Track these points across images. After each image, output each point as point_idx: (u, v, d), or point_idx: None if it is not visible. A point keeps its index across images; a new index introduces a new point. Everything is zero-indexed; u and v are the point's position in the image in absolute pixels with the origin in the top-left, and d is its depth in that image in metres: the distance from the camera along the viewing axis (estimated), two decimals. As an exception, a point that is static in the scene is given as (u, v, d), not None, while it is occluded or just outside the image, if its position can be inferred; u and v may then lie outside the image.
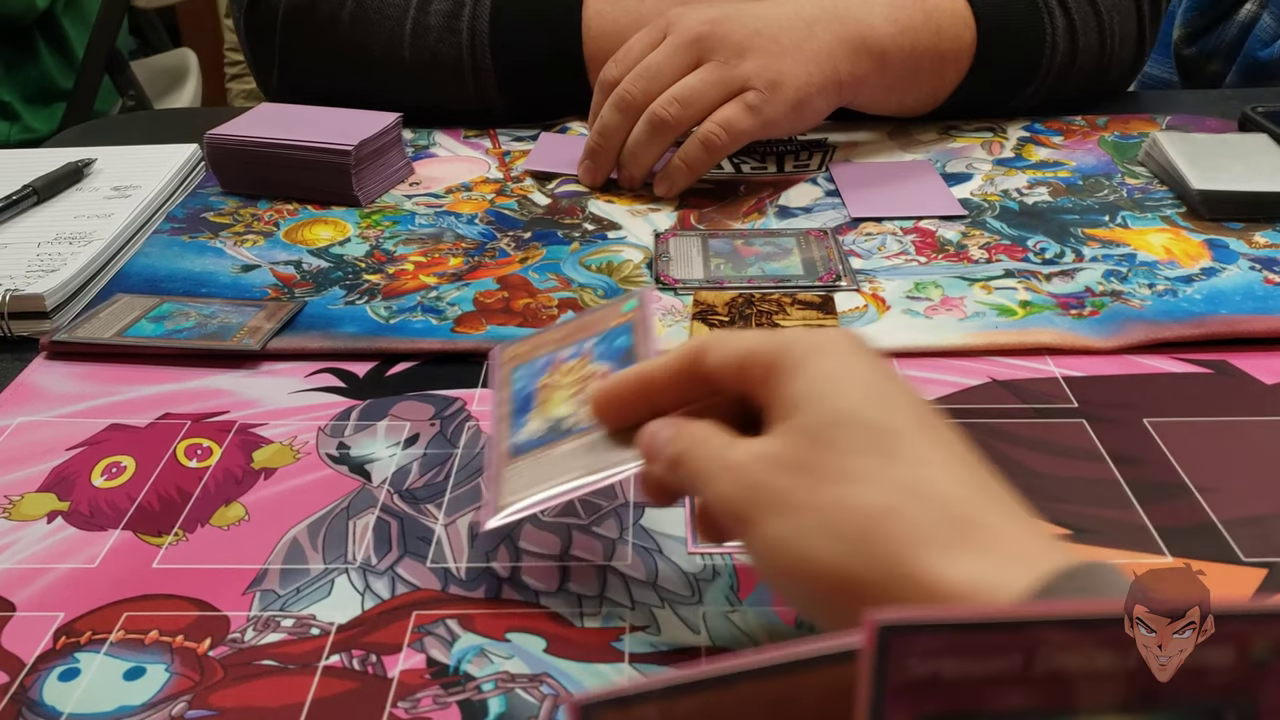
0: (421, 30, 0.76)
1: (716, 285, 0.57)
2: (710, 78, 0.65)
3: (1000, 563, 0.28)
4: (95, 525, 0.43)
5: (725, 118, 0.65)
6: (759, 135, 0.67)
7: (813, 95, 0.67)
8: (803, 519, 0.30)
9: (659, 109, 0.65)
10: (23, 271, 0.58)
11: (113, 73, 1.69)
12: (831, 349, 0.33)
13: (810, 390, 0.32)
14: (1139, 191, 0.68)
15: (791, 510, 0.31)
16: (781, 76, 0.65)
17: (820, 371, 0.32)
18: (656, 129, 0.66)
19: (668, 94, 0.65)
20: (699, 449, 0.34)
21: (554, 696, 0.35)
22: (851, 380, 0.32)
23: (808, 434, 0.31)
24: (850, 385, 0.32)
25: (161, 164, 0.71)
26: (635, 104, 0.66)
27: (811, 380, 0.32)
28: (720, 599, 0.38)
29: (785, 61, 0.66)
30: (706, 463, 0.33)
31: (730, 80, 0.65)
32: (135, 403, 0.50)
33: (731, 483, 0.32)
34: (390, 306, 0.57)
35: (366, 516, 0.43)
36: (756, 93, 0.65)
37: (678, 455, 0.34)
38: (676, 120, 0.65)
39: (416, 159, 0.76)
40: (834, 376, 0.32)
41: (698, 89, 0.65)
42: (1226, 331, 0.53)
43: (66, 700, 0.35)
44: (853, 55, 0.68)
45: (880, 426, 0.31)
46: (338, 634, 0.37)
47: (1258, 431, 0.46)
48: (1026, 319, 0.54)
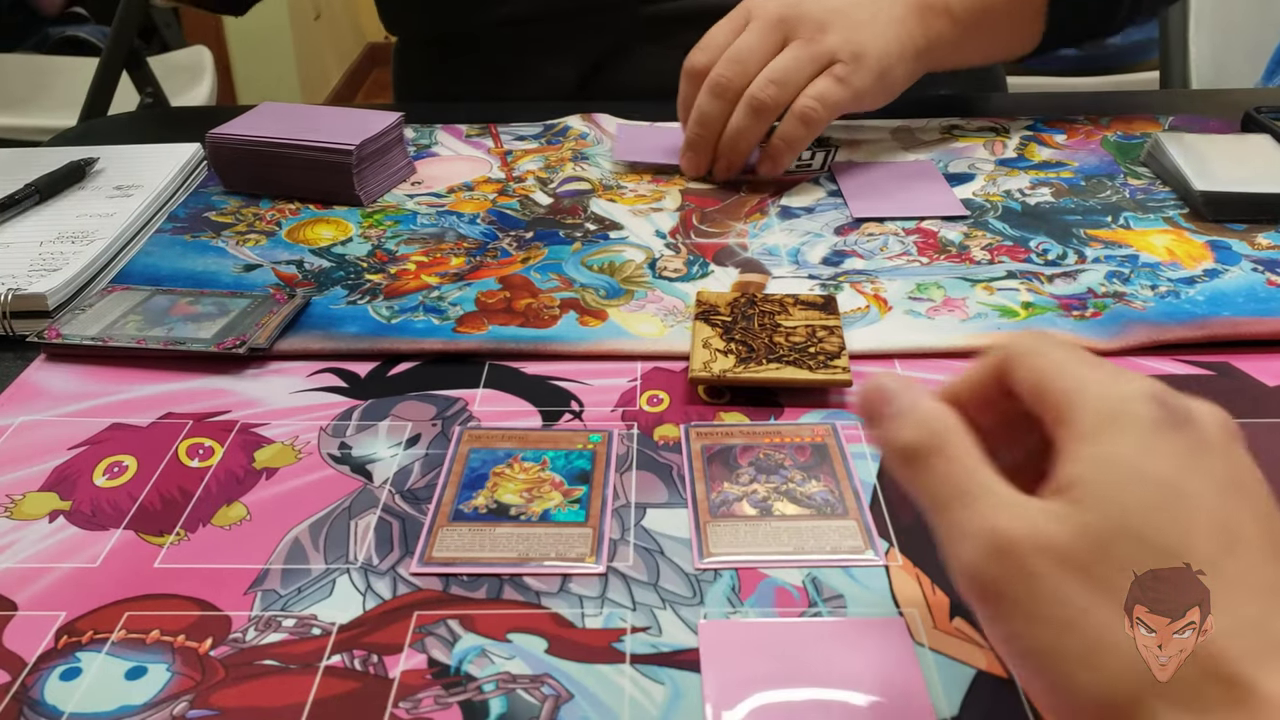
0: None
1: (102, 342, 0.53)
2: (801, 54, 0.67)
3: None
4: (97, 525, 0.43)
5: (819, 91, 0.67)
6: (851, 107, 0.68)
7: (893, 64, 0.69)
8: (1065, 645, 0.27)
9: (757, 91, 0.66)
10: (24, 271, 0.59)
11: (130, 70, 1.69)
12: (1133, 426, 0.29)
13: (1099, 478, 0.28)
14: (1141, 192, 0.68)
15: (1055, 627, 0.27)
16: (863, 48, 0.67)
17: (1114, 458, 0.28)
18: (757, 112, 0.67)
19: (762, 76, 0.67)
20: (953, 472, 0.30)
21: (555, 697, 0.35)
22: (1147, 481, 0.28)
23: (1091, 541, 0.27)
24: (1145, 489, 0.27)
25: (164, 163, 0.72)
26: (732, 88, 0.67)
27: (1102, 465, 0.28)
28: (721, 600, 0.38)
29: (864, 33, 0.68)
30: (958, 503, 0.29)
31: (819, 55, 0.67)
32: (137, 402, 0.50)
33: (987, 556, 0.28)
34: (392, 306, 0.57)
35: (368, 517, 0.43)
36: (843, 64, 0.67)
37: (914, 454, 0.31)
38: (775, 101, 0.67)
39: (418, 158, 0.76)
40: (1130, 471, 0.28)
41: (791, 67, 0.67)
42: (1229, 333, 0.53)
43: (68, 700, 0.35)
44: (922, 19, 0.70)
45: (1171, 552, 0.27)
46: (339, 634, 0.37)
47: (1260, 434, 0.46)
48: (1028, 320, 0.54)
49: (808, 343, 0.51)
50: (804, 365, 0.49)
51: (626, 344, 0.53)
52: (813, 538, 0.41)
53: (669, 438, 0.47)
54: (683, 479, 0.44)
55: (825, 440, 0.46)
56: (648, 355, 0.53)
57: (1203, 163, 0.67)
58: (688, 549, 0.41)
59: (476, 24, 0.91)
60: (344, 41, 3.40)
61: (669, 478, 0.45)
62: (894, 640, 0.36)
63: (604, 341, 0.53)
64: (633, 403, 0.49)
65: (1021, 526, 0.28)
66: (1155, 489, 0.28)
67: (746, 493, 0.43)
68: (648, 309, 0.56)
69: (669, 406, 0.49)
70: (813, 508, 0.43)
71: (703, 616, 0.38)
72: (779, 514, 0.42)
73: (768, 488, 0.44)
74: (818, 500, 0.43)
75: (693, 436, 0.47)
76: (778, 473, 0.44)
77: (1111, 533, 0.27)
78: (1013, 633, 0.28)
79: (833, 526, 0.42)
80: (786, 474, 0.44)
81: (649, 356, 0.53)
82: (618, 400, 0.50)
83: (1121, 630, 0.26)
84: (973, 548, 0.29)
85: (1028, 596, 0.27)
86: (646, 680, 0.35)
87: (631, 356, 0.53)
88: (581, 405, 0.49)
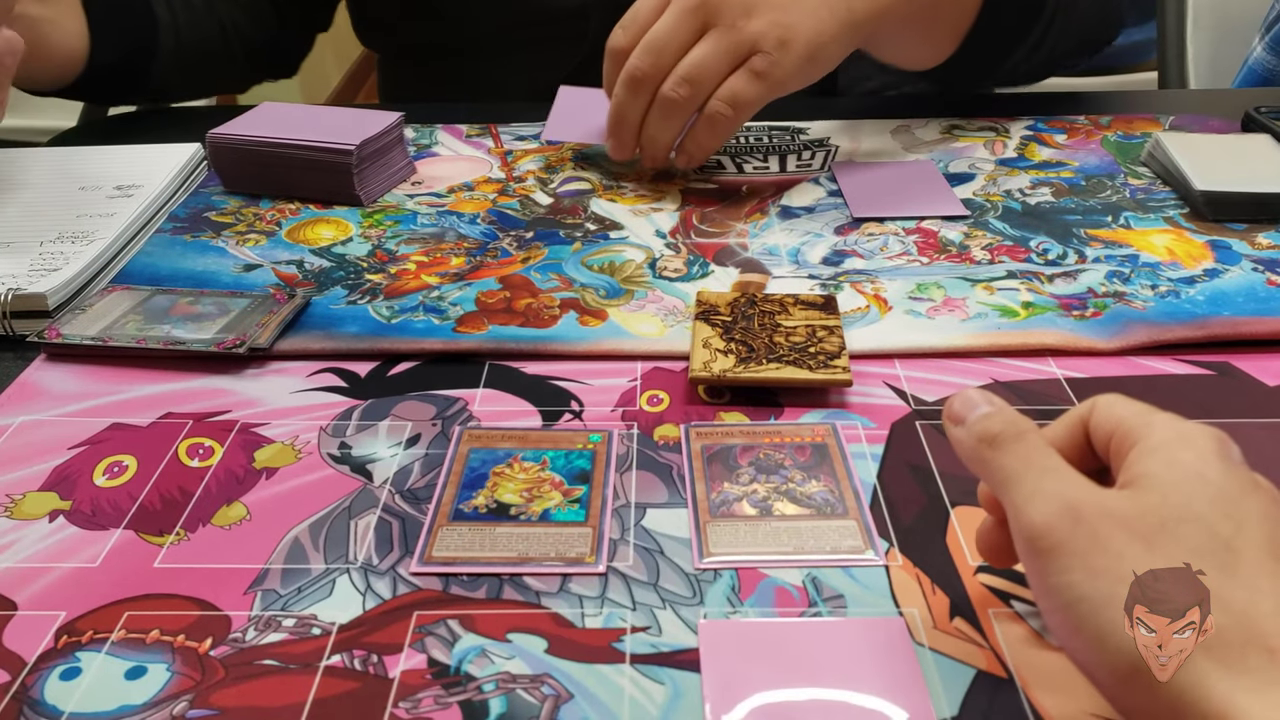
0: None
1: (102, 342, 0.53)
2: (717, 47, 0.64)
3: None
4: (97, 524, 0.43)
5: (731, 93, 0.64)
6: (770, 98, 0.65)
7: (826, 43, 0.65)
8: (1117, 593, 0.29)
9: (668, 92, 0.64)
10: (25, 270, 0.59)
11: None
12: (1197, 446, 0.32)
13: (1167, 476, 0.31)
14: (1142, 192, 0.68)
15: (1110, 580, 0.29)
16: (791, 31, 0.63)
17: (1180, 461, 0.31)
18: (669, 112, 0.65)
19: (675, 74, 0.64)
20: (1032, 453, 0.33)
21: (554, 697, 0.35)
22: (1211, 483, 0.31)
23: (1158, 516, 0.30)
24: (1207, 488, 0.31)
25: (164, 163, 0.71)
26: (646, 79, 0.65)
27: (1170, 466, 0.31)
28: (721, 600, 0.38)
29: (794, 13, 0.64)
30: (1034, 473, 0.32)
31: (738, 45, 0.64)
32: (137, 402, 0.50)
33: (1059, 516, 0.31)
34: (392, 306, 0.57)
35: (368, 516, 0.43)
36: (763, 55, 0.63)
37: (996, 436, 0.34)
38: (687, 100, 0.64)
39: (418, 158, 0.76)
40: (1195, 473, 0.31)
41: (706, 62, 0.64)
42: (1229, 333, 0.53)
43: (68, 699, 0.35)
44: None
45: (1225, 541, 0.30)
46: (339, 634, 0.37)
47: (1260, 434, 0.46)
48: (1029, 320, 0.54)
49: (808, 342, 0.51)
50: (804, 365, 0.49)
51: (626, 344, 0.53)
52: (813, 538, 0.41)
53: (669, 438, 0.47)
54: (683, 479, 0.44)
55: (825, 440, 0.46)
56: (648, 355, 0.53)
57: (1203, 162, 0.67)
58: (688, 549, 0.41)
59: (444, 39, 0.91)
60: (344, 42, 3.39)
61: (669, 478, 0.45)
62: (894, 640, 0.36)
63: (604, 341, 0.53)
64: (633, 403, 0.49)
65: (1092, 497, 0.31)
66: (1216, 490, 0.31)
67: (746, 493, 0.43)
68: (648, 309, 0.56)
69: (669, 406, 0.49)
70: (813, 508, 0.43)
71: (703, 616, 0.38)
72: (779, 514, 0.42)
73: (768, 488, 0.44)
74: (818, 500, 0.43)
75: (693, 436, 0.47)
76: (778, 473, 0.44)
77: (1176, 516, 0.30)
78: (1069, 582, 0.30)
79: (833, 526, 0.42)
80: (786, 474, 0.44)
81: (649, 356, 0.53)
82: (618, 400, 0.50)
83: None
84: (1044, 506, 0.31)
85: (1091, 549, 0.30)
86: (646, 680, 0.35)
87: (631, 356, 0.53)
88: (581, 405, 0.49)
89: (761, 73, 0.64)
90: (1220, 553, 0.29)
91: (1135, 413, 0.34)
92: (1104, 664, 0.30)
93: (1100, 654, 0.29)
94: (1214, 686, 0.28)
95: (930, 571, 0.39)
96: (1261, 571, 0.29)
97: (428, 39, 0.94)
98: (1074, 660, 0.31)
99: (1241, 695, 0.27)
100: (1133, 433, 0.33)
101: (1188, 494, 0.31)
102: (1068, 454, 0.36)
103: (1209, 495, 0.31)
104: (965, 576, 0.39)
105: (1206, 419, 0.47)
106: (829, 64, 0.67)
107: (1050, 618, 0.32)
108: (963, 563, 0.40)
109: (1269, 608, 0.29)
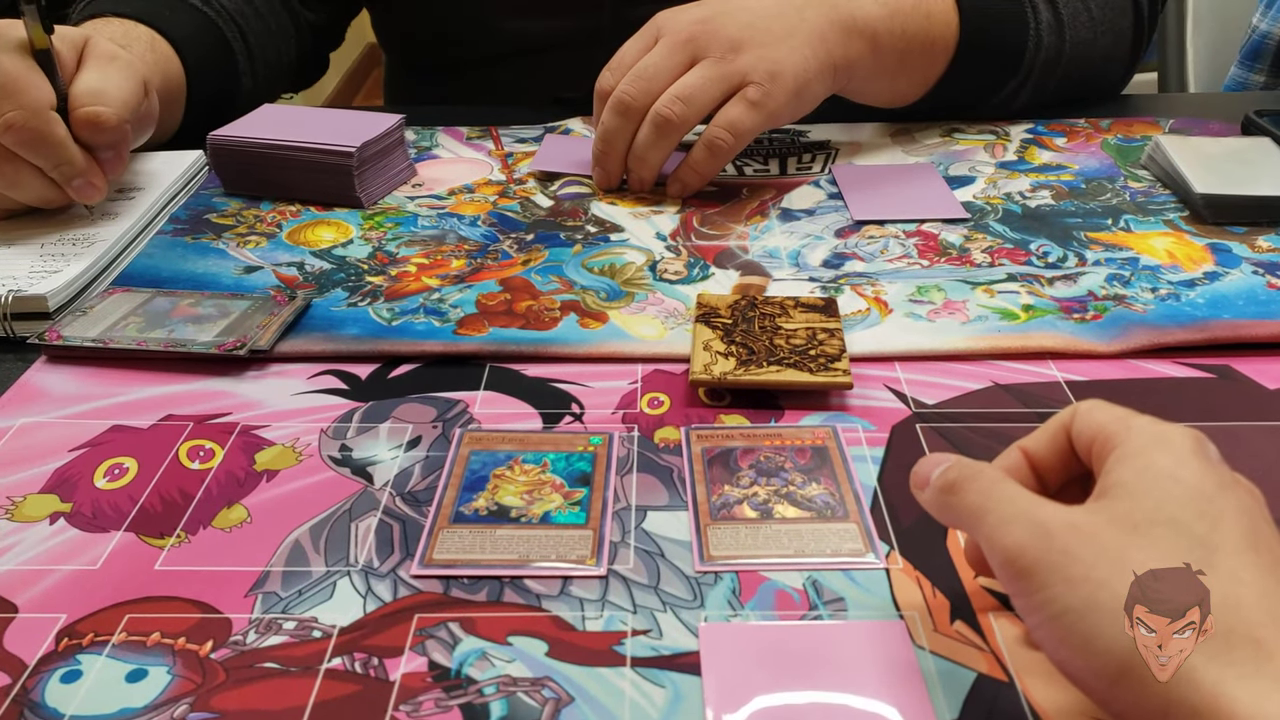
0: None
1: (102, 344, 0.53)
2: (710, 74, 0.65)
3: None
4: (97, 527, 0.43)
5: (729, 119, 0.65)
6: (765, 129, 0.67)
7: (810, 81, 0.66)
8: (1099, 598, 0.30)
9: (662, 108, 0.65)
10: (25, 272, 0.59)
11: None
12: (1173, 447, 0.33)
13: (1139, 483, 0.32)
14: (1142, 195, 0.68)
15: (1090, 586, 0.30)
16: (779, 65, 0.65)
17: (1154, 466, 0.32)
18: (661, 129, 0.65)
19: (669, 93, 0.65)
20: (988, 487, 0.34)
21: (555, 700, 0.35)
22: (1184, 483, 0.32)
23: (1129, 522, 0.31)
24: (1181, 489, 0.31)
25: (167, 169, 0.72)
26: (635, 106, 0.66)
27: (1142, 472, 0.32)
28: (722, 603, 0.38)
29: (781, 49, 0.65)
30: (996, 503, 0.33)
31: (729, 75, 0.65)
32: (137, 404, 0.50)
33: (1030, 536, 0.32)
34: (393, 308, 0.57)
35: (369, 519, 0.43)
36: (757, 86, 0.65)
37: (951, 484, 0.35)
38: (681, 118, 0.65)
39: (419, 160, 0.76)
40: (1168, 475, 0.32)
41: (698, 85, 0.65)
42: (1229, 336, 0.53)
43: (69, 702, 0.35)
44: (845, 37, 0.68)
45: (1201, 539, 0.30)
46: (339, 637, 0.37)
47: (1260, 436, 0.46)
48: (1029, 323, 0.54)
49: (808, 345, 0.51)
50: (804, 368, 0.49)
51: (627, 346, 0.53)
52: (813, 540, 0.41)
53: (669, 440, 0.47)
54: (683, 481, 0.44)
55: (826, 443, 0.46)
56: (648, 358, 0.53)
57: (1203, 165, 0.67)
58: (688, 551, 0.41)
59: (461, 54, 0.92)
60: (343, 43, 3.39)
61: (669, 480, 0.45)
62: (894, 643, 0.36)
63: (604, 344, 0.53)
64: (633, 405, 0.49)
65: (1059, 514, 0.32)
66: (1189, 490, 0.31)
67: (747, 495, 0.43)
68: (648, 311, 0.56)
69: (669, 409, 0.49)
70: (813, 510, 0.43)
71: (703, 619, 0.38)
72: (779, 516, 0.42)
73: (768, 490, 0.44)
74: (818, 503, 0.43)
75: (693, 439, 0.47)
76: (778, 475, 0.44)
77: (1148, 520, 0.31)
78: (1050, 597, 0.31)
79: (833, 529, 0.42)
80: (787, 476, 0.44)
81: (649, 359, 0.53)
82: (618, 402, 0.50)
83: None
84: (1014, 529, 0.32)
85: (1065, 561, 0.31)
86: (647, 683, 0.35)
87: (632, 359, 0.53)
88: (582, 407, 0.49)
89: (757, 102, 0.65)
90: (1196, 550, 0.30)
91: (1115, 418, 0.35)
92: (1092, 669, 0.30)
93: (1088, 659, 0.30)
94: (1202, 678, 0.28)
95: (931, 574, 0.40)
96: (1242, 564, 0.30)
97: (446, 54, 0.94)
98: (1065, 672, 0.32)
99: (1230, 684, 0.28)
100: (1112, 438, 0.34)
101: (1159, 498, 0.31)
102: (1052, 461, 0.37)
103: (1182, 496, 0.31)
104: (966, 579, 0.39)
105: (1207, 422, 0.47)
106: (813, 101, 0.68)
107: (1039, 634, 0.32)
108: (963, 566, 0.40)
109: (1252, 598, 0.29)
